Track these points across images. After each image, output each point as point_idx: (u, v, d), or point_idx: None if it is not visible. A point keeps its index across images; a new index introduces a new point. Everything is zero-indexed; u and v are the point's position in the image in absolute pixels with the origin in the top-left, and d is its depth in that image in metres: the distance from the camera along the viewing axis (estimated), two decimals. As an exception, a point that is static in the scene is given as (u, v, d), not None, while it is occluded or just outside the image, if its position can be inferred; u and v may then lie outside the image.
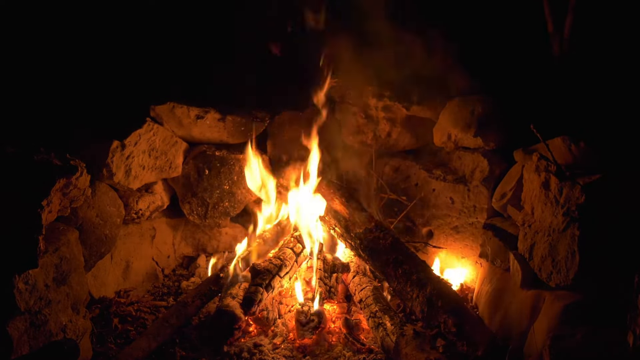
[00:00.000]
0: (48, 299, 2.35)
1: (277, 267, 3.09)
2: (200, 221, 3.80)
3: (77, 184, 2.45)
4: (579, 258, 2.31)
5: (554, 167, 2.45)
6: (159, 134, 3.39)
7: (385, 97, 3.67)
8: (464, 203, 3.42)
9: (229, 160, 3.77)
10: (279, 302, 3.18)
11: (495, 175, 3.26)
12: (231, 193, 3.80)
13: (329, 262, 3.32)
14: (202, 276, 3.69)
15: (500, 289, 2.93)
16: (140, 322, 3.07)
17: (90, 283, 3.08)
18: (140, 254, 3.62)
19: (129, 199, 3.34)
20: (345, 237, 3.23)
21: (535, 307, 2.53)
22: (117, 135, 3.08)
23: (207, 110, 3.57)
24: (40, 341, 2.29)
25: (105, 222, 3.05)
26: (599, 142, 2.51)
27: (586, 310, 2.32)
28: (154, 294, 3.50)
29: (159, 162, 3.46)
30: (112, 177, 3.05)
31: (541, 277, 2.55)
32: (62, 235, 2.55)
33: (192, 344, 2.83)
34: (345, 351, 2.81)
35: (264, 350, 2.81)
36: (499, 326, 2.78)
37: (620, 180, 2.31)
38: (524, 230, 2.72)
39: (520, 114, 2.93)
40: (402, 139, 3.82)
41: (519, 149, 2.96)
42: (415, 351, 2.42)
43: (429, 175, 3.61)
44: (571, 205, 2.33)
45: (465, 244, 3.47)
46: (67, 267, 2.49)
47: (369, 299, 2.97)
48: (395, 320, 2.74)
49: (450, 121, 3.40)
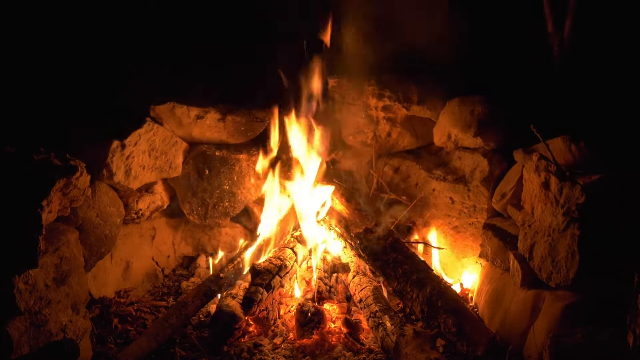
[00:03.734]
0: (48, 299, 2.34)
1: (277, 267, 3.09)
2: (200, 221, 3.80)
3: (77, 184, 2.45)
4: (579, 258, 2.31)
5: (554, 167, 2.45)
6: (159, 134, 3.39)
7: (385, 97, 3.67)
8: (464, 203, 3.42)
9: (229, 160, 3.77)
10: (279, 302, 3.18)
11: (495, 175, 3.26)
12: (231, 193, 3.80)
13: (329, 262, 3.32)
14: (202, 276, 3.69)
15: (500, 289, 2.93)
16: (140, 322, 3.07)
17: (90, 283, 3.09)
18: (140, 254, 3.62)
19: (129, 199, 3.34)
20: (345, 237, 3.23)
21: (535, 307, 2.53)
22: (117, 135, 3.08)
23: (207, 110, 3.57)
24: (40, 341, 2.29)
25: (105, 222, 3.05)
26: (599, 142, 2.51)
27: (586, 310, 2.32)
28: (154, 294, 3.50)
29: (159, 162, 3.46)
30: (112, 177, 3.05)
31: (541, 277, 2.55)
32: (62, 235, 2.55)
33: (192, 344, 2.84)
34: (345, 351, 2.81)
35: (264, 350, 2.81)
36: (499, 326, 2.78)
37: (620, 180, 2.31)
38: (524, 230, 2.72)
39: (520, 114, 2.93)
40: (402, 139, 3.82)
41: (519, 149, 2.96)
42: (415, 351, 2.42)
43: (429, 175, 3.61)
44: (571, 205, 2.33)
45: (465, 244, 3.47)
46: (67, 267, 2.49)
47: (369, 299, 2.97)
48: (395, 320, 2.74)
49: (450, 121, 3.40)
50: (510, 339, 2.61)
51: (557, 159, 2.49)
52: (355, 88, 3.76)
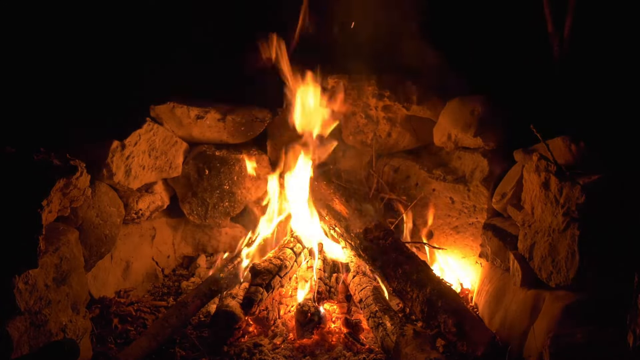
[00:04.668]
0: (48, 299, 2.34)
1: (277, 267, 3.09)
2: (200, 221, 3.80)
3: (77, 184, 2.45)
4: (579, 258, 2.31)
5: (554, 167, 2.45)
6: (159, 134, 3.39)
7: (385, 97, 3.67)
8: (464, 203, 3.42)
9: (229, 160, 3.77)
10: (279, 302, 3.18)
11: (495, 175, 3.26)
12: (231, 193, 3.80)
13: (329, 262, 3.32)
14: (202, 276, 3.69)
15: (500, 289, 2.93)
16: (140, 322, 3.07)
17: (90, 283, 3.08)
18: (140, 254, 3.62)
19: (129, 199, 3.34)
20: (345, 237, 3.23)
21: (535, 307, 2.53)
22: (117, 135, 3.08)
23: (207, 110, 3.57)
24: (40, 341, 2.29)
25: (105, 222, 3.05)
26: (599, 142, 2.51)
27: (586, 310, 2.32)
28: (154, 294, 3.50)
29: (159, 162, 3.46)
30: (112, 177, 3.05)
31: (541, 277, 2.55)
32: (62, 235, 2.55)
33: (192, 344, 2.84)
34: (345, 351, 2.81)
35: (264, 350, 2.81)
36: (499, 326, 2.78)
37: (620, 180, 2.31)
38: (524, 230, 2.72)
39: (520, 114, 2.93)
40: (402, 139, 3.82)
41: (519, 149, 2.96)
42: (415, 351, 2.42)
43: (429, 175, 3.61)
44: (571, 205, 2.33)
45: (465, 244, 3.47)
46: (67, 267, 2.49)
47: (369, 299, 2.97)
48: (395, 320, 2.74)
49: (450, 121, 3.40)
50: (510, 339, 2.61)
51: (557, 159, 2.49)
52: (356, 88, 3.76)
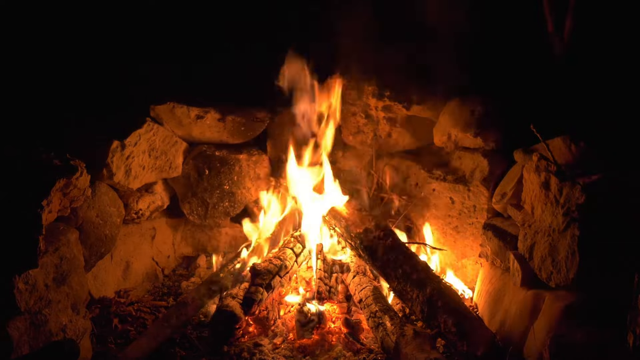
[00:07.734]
0: (48, 299, 2.35)
1: (277, 267, 3.09)
2: (200, 221, 3.80)
3: (77, 184, 2.45)
4: (579, 258, 2.31)
5: (554, 167, 2.45)
6: (159, 134, 3.39)
7: (385, 97, 3.67)
8: (464, 203, 3.41)
9: (229, 160, 3.77)
10: (279, 302, 3.18)
11: (495, 175, 3.26)
12: (231, 193, 3.80)
13: (329, 262, 3.32)
14: (202, 276, 3.69)
15: (500, 289, 2.93)
16: (140, 322, 3.07)
17: (90, 283, 3.08)
18: (140, 254, 3.62)
19: (129, 199, 3.34)
20: (345, 237, 3.23)
21: (535, 307, 2.52)
22: (117, 135, 3.08)
23: (207, 110, 3.57)
24: (40, 341, 2.29)
25: (105, 222, 3.05)
26: (599, 142, 2.51)
27: (586, 310, 2.31)
28: (154, 294, 3.50)
29: (159, 162, 3.46)
30: (112, 177, 3.05)
31: (541, 277, 2.55)
32: (62, 235, 2.55)
33: (192, 344, 2.84)
34: (345, 351, 2.81)
35: (264, 350, 2.81)
36: (499, 326, 2.78)
37: (620, 180, 2.31)
38: (524, 230, 2.72)
39: (520, 114, 2.93)
40: (402, 139, 3.82)
41: (519, 149, 2.96)
42: (415, 351, 2.42)
43: (429, 175, 3.61)
44: (571, 206, 2.33)
45: (465, 244, 3.47)
46: (67, 267, 2.49)
47: (369, 299, 2.97)
48: (395, 320, 2.74)
49: (450, 121, 3.40)
50: (510, 339, 2.61)
51: (557, 159, 2.49)
52: (355, 88, 3.76)
